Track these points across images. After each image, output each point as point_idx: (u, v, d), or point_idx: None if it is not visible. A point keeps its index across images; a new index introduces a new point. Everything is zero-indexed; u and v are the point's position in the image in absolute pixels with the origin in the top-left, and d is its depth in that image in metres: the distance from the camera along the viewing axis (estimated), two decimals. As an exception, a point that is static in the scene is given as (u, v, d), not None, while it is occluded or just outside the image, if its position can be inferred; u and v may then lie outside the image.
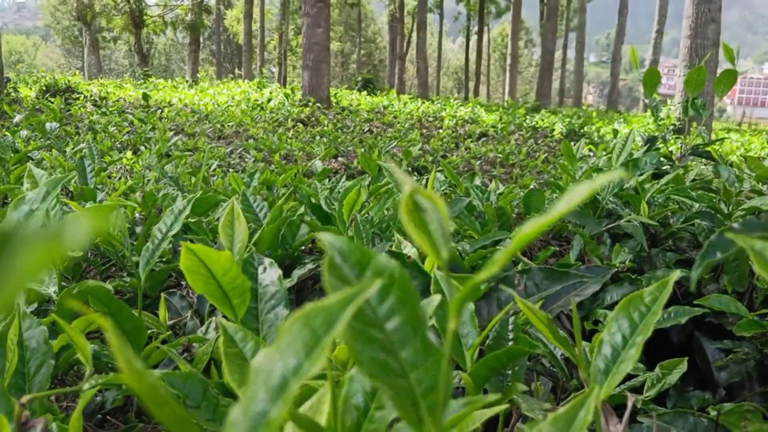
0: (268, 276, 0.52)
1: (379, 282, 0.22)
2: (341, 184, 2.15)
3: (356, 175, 4.76)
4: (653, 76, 1.50)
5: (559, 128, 8.02)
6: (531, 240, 0.22)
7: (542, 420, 0.48)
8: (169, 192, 1.34)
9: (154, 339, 0.71)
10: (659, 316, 0.35)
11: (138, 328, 0.61)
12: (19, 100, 6.82)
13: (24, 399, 0.46)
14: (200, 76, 14.96)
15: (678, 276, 0.36)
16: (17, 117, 4.51)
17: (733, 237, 0.26)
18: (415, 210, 0.23)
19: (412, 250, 0.65)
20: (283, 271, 0.66)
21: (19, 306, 0.53)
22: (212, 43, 35.33)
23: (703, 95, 8.04)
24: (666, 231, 1.35)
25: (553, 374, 0.79)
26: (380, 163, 0.80)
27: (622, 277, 1.07)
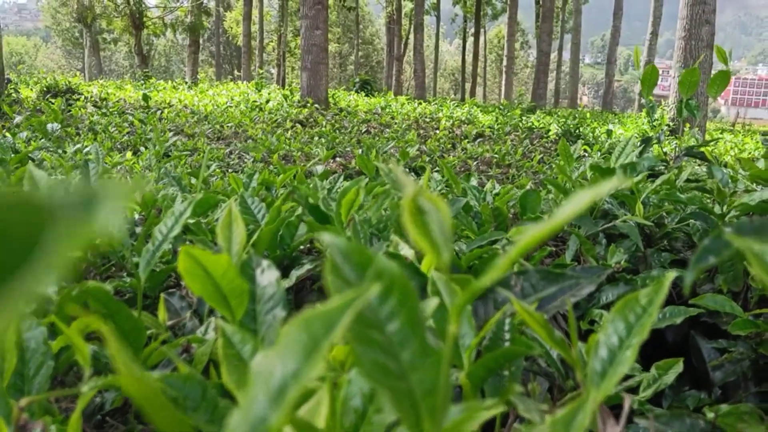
0: (266, 277, 0.52)
1: (378, 286, 0.22)
2: (339, 185, 2.16)
3: (354, 176, 4.76)
4: (652, 75, 1.49)
5: (555, 129, 8.04)
6: (534, 246, 0.23)
7: (539, 421, 0.48)
8: (168, 193, 1.34)
9: (154, 339, 0.72)
10: (655, 317, 0.36)
11: (137, 329, 0.61)
12: (19, 100, 6.80)
13: (22, 402, 0.46)
14: (200, 78, 14.92)
15: (673, 277, 0.37)
16: (17, 118, 4.49)
17: (731, 239, 0.26)
18: (418, 212, 0.24)
19: (409, 251, 0.65)
20: (282, 272, 0.66)
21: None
22: (212, 45, 35.27)
23: (697, 96, 8.08)
24: (661, 231, 1.36)
25: (550, 374, 0.79)
26: (380, 165, 0.80)
27: (618, 277, 1.08)
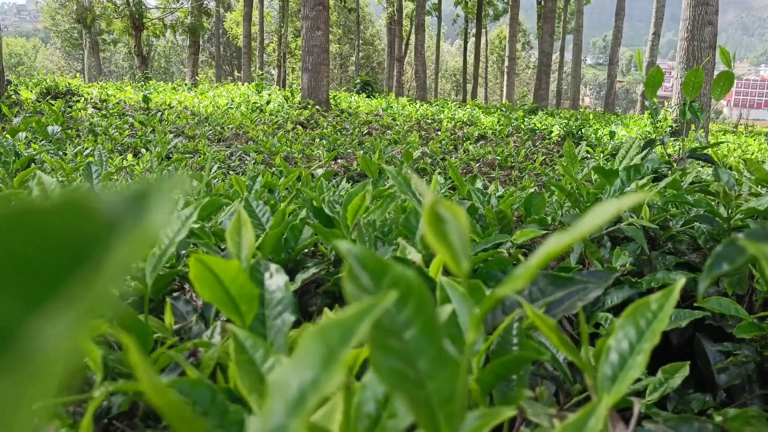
0: (275, 282, 0.52)
1: (394, 294, 0.22)
2: (342, 187, 2.16)
3: (356, 177, 4.76)
4: (657, 77, 1.48)
5: (557, 130, 8.03)
6: (555, 256, 0.23)
7: (548, 425, 0.48)
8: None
9: (160, 344, 0.72)
10: (666, 323, 0.36)
11: (145, 334, 0.61)
12: (19, 102, 6.82)
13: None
14: (200, 79, 14.95)
15: (683, 283, 0.37)
16: (16, 119, 4.50)
17: (746, 245, 0.26)
18: (437, 220, 0.24)
19: (416, 256, 0.65)
20: (286, 275, 0.66)
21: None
22: (212, 46, 35.33)
23: (700, 98, 8.06)
24: (665, 234, 1.35)
25: (556, 378, 0.79)
26: (388, 169, 0.80)
27: (623, 280, 1.08)
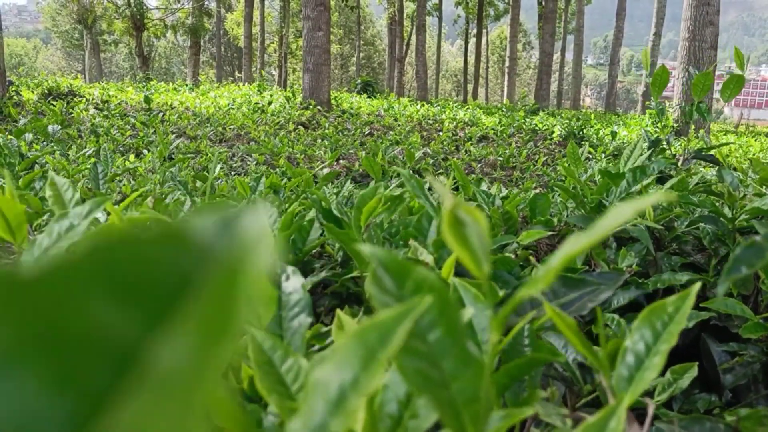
0: (292, 284, 0.53)
1: (430, 299, 0.23)
2: (345, 188, 2.16)
3: (358, 178, 4.76)
4: (663, 76, 1.47)
5: (559, 130, 8.03)
6: (574, 258, 0.23)
7: (561, 425, 0.49)
8: (178, 197, 1.34)
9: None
10: (683, 325, 0.36)
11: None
12: (21, 103, 6.84)
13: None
14: (201, 79, 14.96)
15: (699, 286, 0.37)
16: (22, 121, 4.52)
17: (766, 247, 0.26)
18: (457, 224, 0.24)
19: (429, 257, 0.66)
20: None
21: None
22: (213, 46, 35.37)
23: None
24: (671, 234, 1.36)
25: (565, 378, 0.80)
26: (402, 171, 0.80)
27: (629, 281, 1.08)
